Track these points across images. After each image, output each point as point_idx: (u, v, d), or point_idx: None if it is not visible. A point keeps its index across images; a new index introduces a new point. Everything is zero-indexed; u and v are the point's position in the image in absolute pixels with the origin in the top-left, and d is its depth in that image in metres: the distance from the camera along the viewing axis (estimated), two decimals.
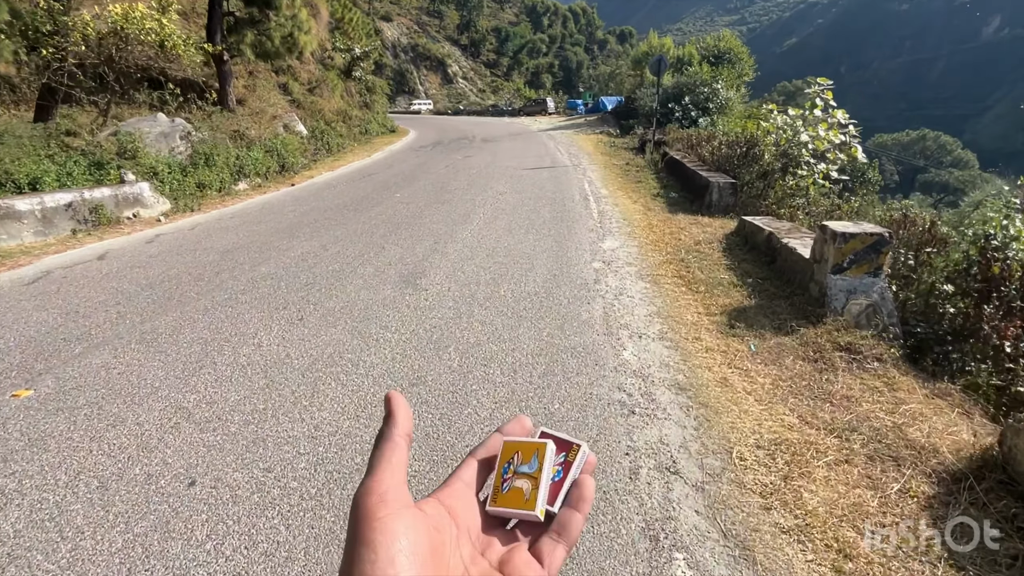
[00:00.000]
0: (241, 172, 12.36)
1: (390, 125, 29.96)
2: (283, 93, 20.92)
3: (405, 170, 14.30)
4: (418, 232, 7.39)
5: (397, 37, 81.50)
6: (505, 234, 7.14)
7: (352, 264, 5.92)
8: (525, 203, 9.34)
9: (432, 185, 11.53)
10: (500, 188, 10.99)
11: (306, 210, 9.15)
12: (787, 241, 5.09)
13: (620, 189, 10.84)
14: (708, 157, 11.24)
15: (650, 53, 30.35)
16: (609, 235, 6.98)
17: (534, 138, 24.07)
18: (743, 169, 9.51)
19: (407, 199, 10.01)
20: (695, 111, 23.00)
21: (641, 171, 13.61)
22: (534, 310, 4.44)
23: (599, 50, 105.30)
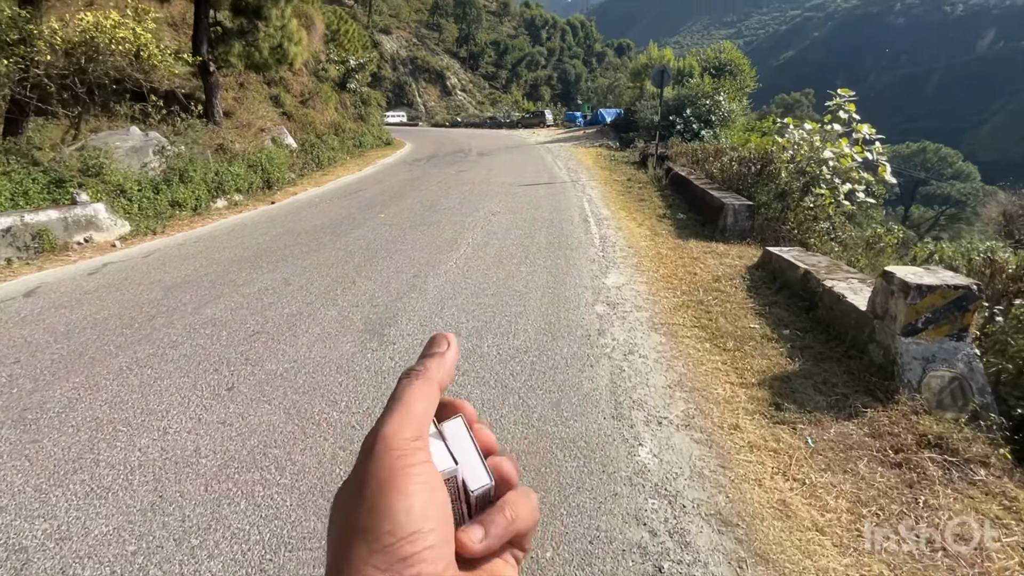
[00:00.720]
0: (220, 189, 11.49)
1: (385, 137, 29.25)
2: (274, 105, 20.21)
3: (394, 186, 13.45)
4: (397, 262, 6.48)
5: (396, 50, 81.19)
6: (495, 265, 6.22)
7: (313, 305, 5.01)
8: (519, 225, 8.44)
9: (420, 204, 10.65)
10: (493, 207, 10.10)
11: (279, 233, 8.26)
12: (830, 284, 4.17)
13: (623, 209, 9.95)
14: (717, 174, 10.37)
15: (650, 65, 29.63)
16: (613, 267, 6.06)
17: (532, 151, 23.26)
18: (758, 189, 8.63)
19: (391, 220, 9.12)
20: (697, 124, 22.21)
21: (644, 188, 12.74)
22: (523, 376, 3.52)
23: (597, 63, 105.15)
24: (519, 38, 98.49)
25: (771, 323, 4.30)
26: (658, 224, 8.62)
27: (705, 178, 10.62)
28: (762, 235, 7.54)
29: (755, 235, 7.47)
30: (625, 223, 8.64)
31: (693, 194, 9.81)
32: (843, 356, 3.62)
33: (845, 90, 8.35)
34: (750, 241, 7.34)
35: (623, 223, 8.65)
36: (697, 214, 9.11)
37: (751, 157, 9.28)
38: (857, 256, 5.71)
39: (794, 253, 5.31)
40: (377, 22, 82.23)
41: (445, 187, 12.97)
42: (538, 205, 10.27)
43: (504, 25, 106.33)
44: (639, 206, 10.33)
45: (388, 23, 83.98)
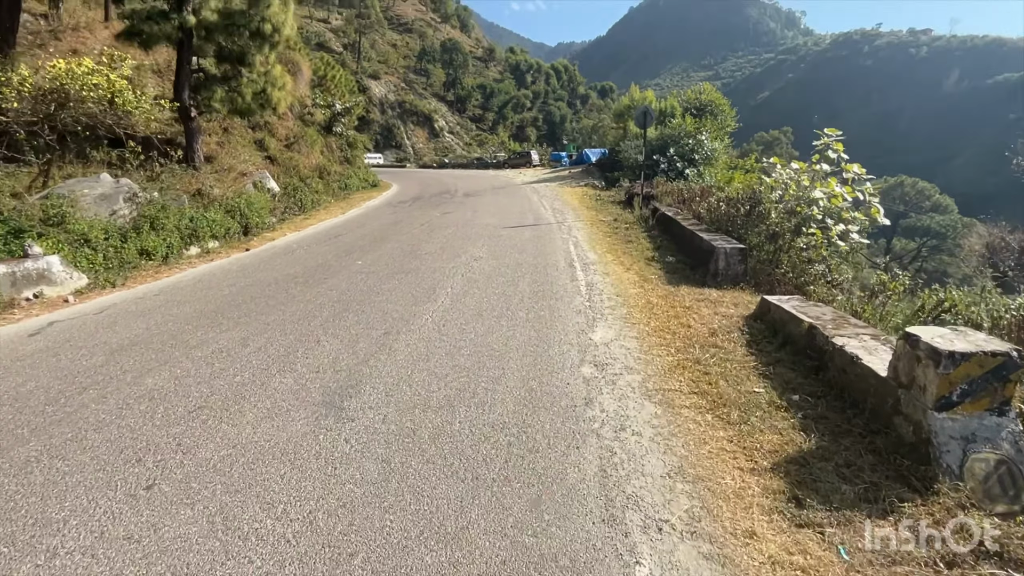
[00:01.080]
0: (194, 236, 11.03)
1: (372, 179, 29.18)
2: (259, 149, 20.01)
3: (376, 229, 13.06)
4: (369, 316, 5.99)
5: (384, 94, 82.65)
6: (474, 319, 5.75)
7: (269, 370, 4.47)
8: (502, 272, 8.01)
9: (401, 249, 10.23)
10: (476, 252, 9.70)
11: (247, 284, 7.75)
12: (840, 342, 3.73)
13: (610, 252, 9.59)
14: (704, 215, 10.10)
15: (632, 106, 30.08)
16: (601, 319, 5.61)
17: (518, 192, 23.15)
18: (748, 230, 8.32)
19: (369, 267, 8.67)
20: (681, 163, 22.29)
21: (631, 228, 12.45)
22: (498, 463, 3.00)
23: (581, 104, 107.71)
24: (505, 82, 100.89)
25: (777, 386, 3.84)
26: (647, 268, 8.24)
27: (692, 218, 10.34)
28: (755, 279, 7.17)
29: (748, 279, 7.09)
30: (613, 268, 8.25)
31: (681, 236, 9.49)
32: (865, 430, 3.14)
33: (832, 130, 8.16)
34: (744, 286, 6.95)
35: (610, 268, 8.25)
36: (686, 257, 8.76)
37: (739, 197, 9.01)
38: (862, 306, 5.32)
39: (794, 303, 4.90)
40: (366, 68, 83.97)
41: (428, 230, 12.61)
42: (522, 249, 9.89)
43: (490, 70, 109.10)
44: (626, 248, 9.98)
45: (377, 69, 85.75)
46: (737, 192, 9.58)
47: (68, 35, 15.65)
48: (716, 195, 10.29)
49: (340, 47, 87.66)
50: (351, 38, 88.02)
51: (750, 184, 20.33)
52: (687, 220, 10.18)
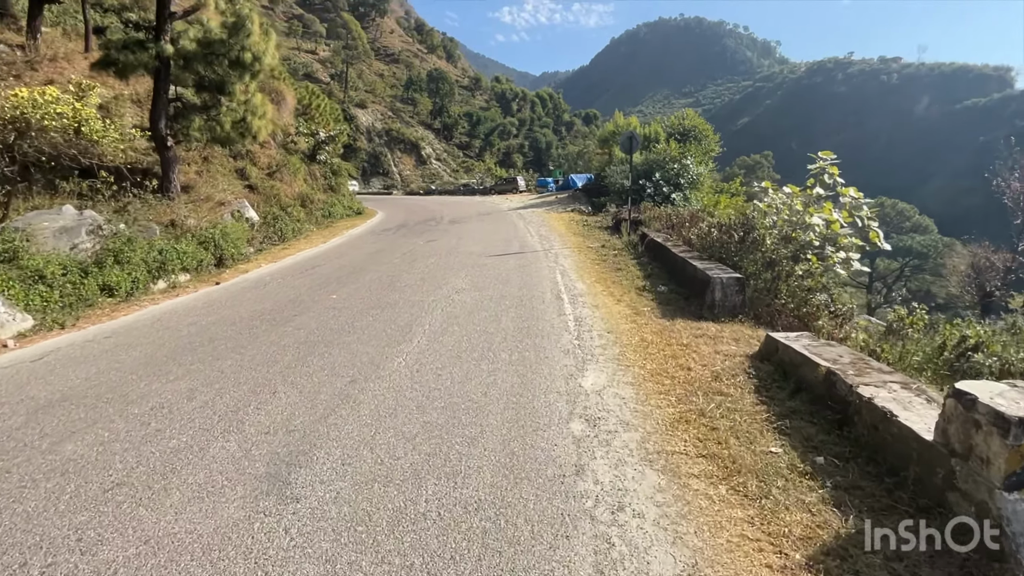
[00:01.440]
0: (163, 269, 10.38)
1: (356, 207, 28.72)
2: (240, 178, 19.49)
3: (356, 260, 12.50)
4: (336, 359, 5.39)
5: (372, 123, 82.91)
6: (451, 363, 5.17)
7: (212, 432, 3.85)
8: (485, 306, 7.46)
9: (380, 280, 9.66)
10: (458, 283, 9.16)
11: (209, 323, 7.12)
12: (868, 394, 3.21)
13: (599, 281, 9.09)
14: (695, 241, 9.68)
15: (617, 132, 30.10)
16: (592, 361, 5.06)
17: (504, 218, 22.76)
18: (743, 258, 7.88)
19: (343, 302, 8.08)
20: (667, 187, 22.09)
21: (619, 255, 12.01)
22: (470, 561, 2.40)
23: (566, 131, 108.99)
24: (491, 110, 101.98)
25: (797, 445, 3.30)
26: (638, 299, 7.73)
27: (683, 245, 9.92)
28: (754, 310, 6.69)
29: (747, 311, 6.60)
30: (602, 299, 7.73)
31: (673, 264, 9.04)
32: (911, 506, 2.60)
33: (827, 153, 7.83)
34: (743, 318, 6.46)
35: (600, 299, 7.74)
36: (679, 286, 8.29)
37: (732, 223, 8.60)
38: (879, 345, 4.84)
39: (804, 342, 4.39)
40: (353, 97, 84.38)
41: (410, 260, 12.07)
42: (507, 279, 9.37)
43: (476, 98, 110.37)
44: (616, 277, 9.50)
45: (364, 98, 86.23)
46: (729, 218, 9.18)
47: (46, 66, 15.21)
48: (707, 221, 9.90)
49: (327, 77, 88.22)
50: (338, 68, 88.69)
51: (742, 209, 20.16)
52: (678, 247, 9.75)
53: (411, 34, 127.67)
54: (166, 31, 12.86)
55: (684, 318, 6.56)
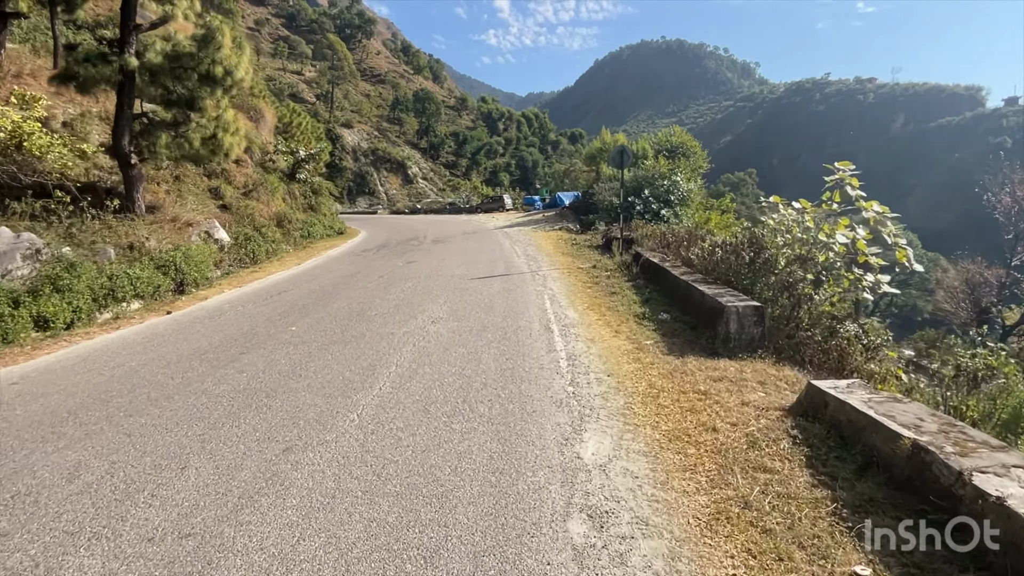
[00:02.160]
0: (112, 296, 9.26)
1: (338, 227, 27.70)
2: (214, 197, 18.43)
3: (328, 283, 11.44)
4: (274, 416, 4.31)
5: (357, 142, 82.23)
6: (416, 420, 4.12)
7: (77, 537, 2.76)
8: (463, 340, 6.43)
9: (349, 308, 8.60)
10: (436, 311, 8.13)
11: (140, 364, 6.01)
12: (997, 493, 2.22)
13: (592, 308, 8.10)
14: (696, 262, 8.76)
15: (604, 149, 29.50)
16: (591, 417, 4.04)
17: (489, 237, 21.82)
18: (755, 281, 6.95)
19: (302, 335, 7.01)
20: (657, 204, 21.34)
21: (612, 277, 11.06)
22: None
23: (552, 150, 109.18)
24: (477, 129, 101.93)
25: (893, 564, 2.30)
26: (639, 330, 6.74)
27: (683, 266, 9.00)
28: (774, 343, 5.73)
29: (766, 344, 5.65)
30: (598, 330, 6.73)
31: (674, 287, 8.09)
32: None
33: (846, 163, 6.98)
34: (763, 353, 5.49)
35: (595, 330, 6.74)
36: (683, 313, 7.33)
37: (738, 242, 7.69)
38: (960, 399, 3.88)
39: (861, 395, 3.42)
40: (338, 117, 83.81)
41: (386, 283, 11.03)
42: (490, 306, 8.35)
43: (463, 118, 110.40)
44: (611, 302, 8.52)
45: (350, 118, 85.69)
46: (734, 236, 8.28)
47: (8, 81, 14.20)
48: (709, 240, 9.00)
49: (313, 98, 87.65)
50: (324, 89, 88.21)
51: (729, 226, 19.39)
52: (677, 268, 8.82)
53: (397, 55, 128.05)
54: (131, 43, 12.05)
55: (695, 354, 5.57)
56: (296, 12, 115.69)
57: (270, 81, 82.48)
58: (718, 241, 8.48)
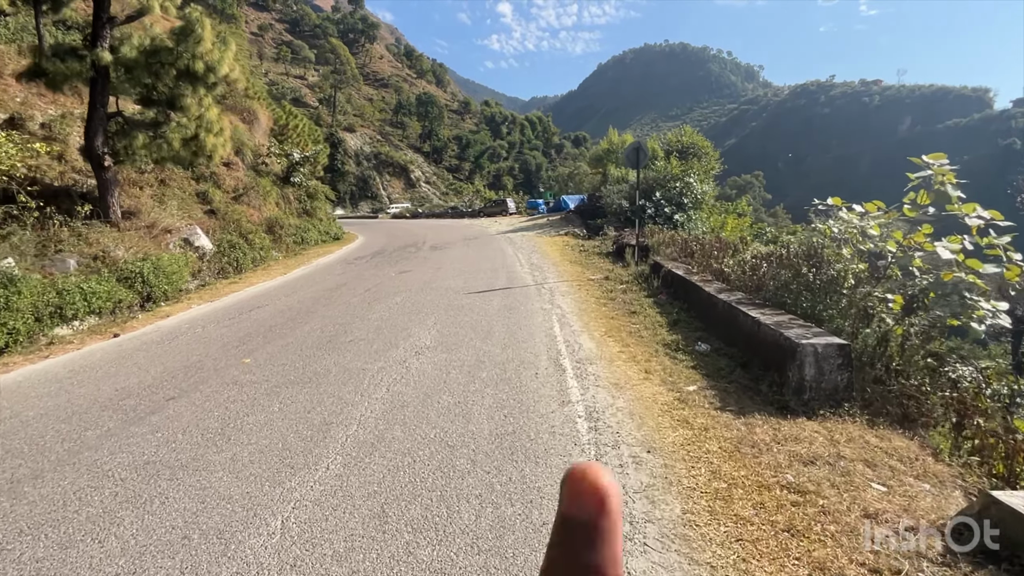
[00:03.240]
0: (59, 315, 7.92)
1: (334, 232, 26.37)
2: (202, 202, 17.13)
3: (308, 298, 10.05)
4: (162, 523, 2.88)
5: (360, 146, 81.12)
6: (368, 534, 2.69)
7: None
8: (451, 383, 4.99)
9: (321, 332, 7.19)
10: (422, 337, 6.70)
11: (33, 416, 4.61)
12: None
13: (611, 334, 6.65)
14: (733, 277, 7.31)
15: (612, 150, 28.06)
16: (637, 533, 2.61)
17: (491, 243, 20.40)
18: (816, 304, 5.49)
19: (253, 372, 5.60)
20: (669, 207, 19.87)
21: (629, 290, 9.61)
22: None
23: (556, 153, 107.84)
24: (480, 133, 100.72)
25: None
26: (675, 368, 5.28)
27: (716, 281, 7.54)
28: (863, 397, 4.26)
29: (854, 398, 4.18)
30: (623, 369, 5.27)
31: (709, 308, 6.62)
32: None
33: (938, 155, 5.52)
34: (850, 408, 4.04)
35: (620, 368, 5.28)
36: (725, 343, 5.86)
37: (791, 255, 6.22)
38: None
39: None
40: (341, 121, 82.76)
41: (371, 298, 9.62)
42: (488, 331, 6.90)
43: (466, 121, 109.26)
44: (632, 325, 7.07)
45: (352, 122, 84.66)
46: (782, 247, 6.80)
47: None
48: (748, 250, 7.54)
49: (316, 102, 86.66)
50: (327, 93, 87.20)
51: (742, 230, 17.83)
52: (709, 284, 7.37)
53: (400, 59, 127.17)
54: (104, 37, 10.97)
55: (759, 410, 4.10)
56: (299, 17, 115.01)
57: (273, 85, 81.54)
58: (762, 252, 7.02)
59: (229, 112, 23.27)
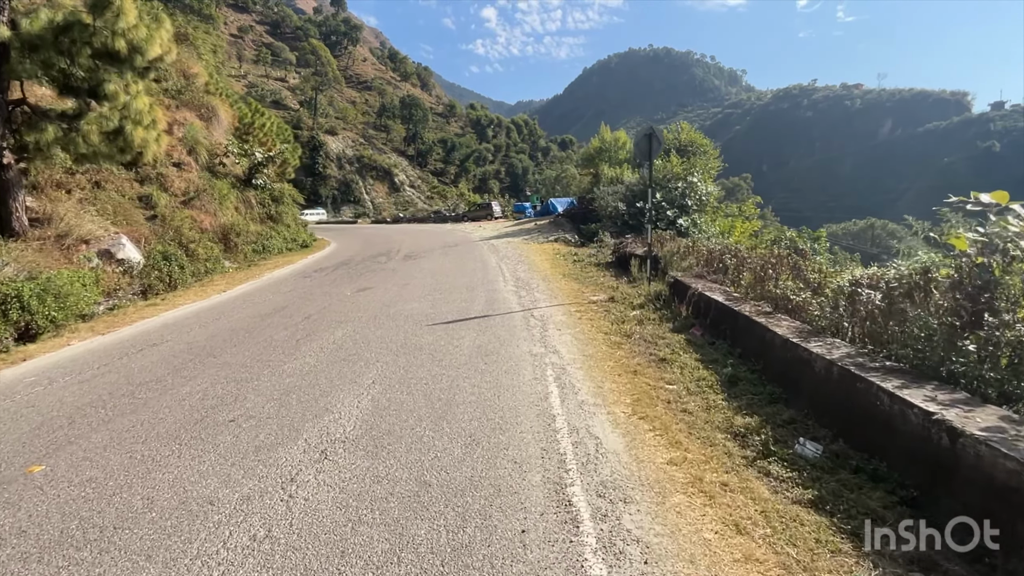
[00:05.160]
0: None
1: (303, 239, 23.67)
2: (144, 207, 14.44)
3: (226, 329, 7.50)
4: None
5: (342, 149, 78.09)
6: None
7: None
8: (351, 551, 2.50)
9: (202, 399, 4.60)
10: (343, 419, 4.13)
11: None
12: None
13: (642, 411, 4.16)
14: (817, 311, 4.89)
15: (603, 148, 25.72)
16: None
17: (472, 252, 17.86)
18: (982, 362, 3.10)
19: (32, 497, 2.99)
20: (671, 210, 17.51)
21: (645, 318, 7.18)
22: None
23: (543, 156, 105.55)
24: (466, 136, 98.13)
25: None
26: (777, 503, 2.83)
27: (785, 317, 5.13)
28: None
29: None
30: (687, 510, 2.81)
31: (797, 369, 4.16)
32: None
33: None
34: None
35: (681, 510, 2.82)
36: (842, 433, 3.44)
37: (935, 284, 3.82)
38: None
39: None
40: (322, 124, 79.74)
41: (305, 332, 7.05)
42: (448, 404, 4.38)
43: (451, 125, 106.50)
44: (668, 388, 4.62)
45: (334, 124, 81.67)
46: (911, 269, 4.38)
47: None
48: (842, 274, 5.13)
49: (296, 104, 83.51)
50: (308, 95, 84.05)
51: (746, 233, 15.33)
52: (777, 322, 4.95)
53: (384, 62, 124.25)
54: (3, 10, 8.85)
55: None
56: (281, 19, 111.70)
57: (252, 88, 78.28)
58: (869, 275, 4.59)
59: (184, 108, 20.54)
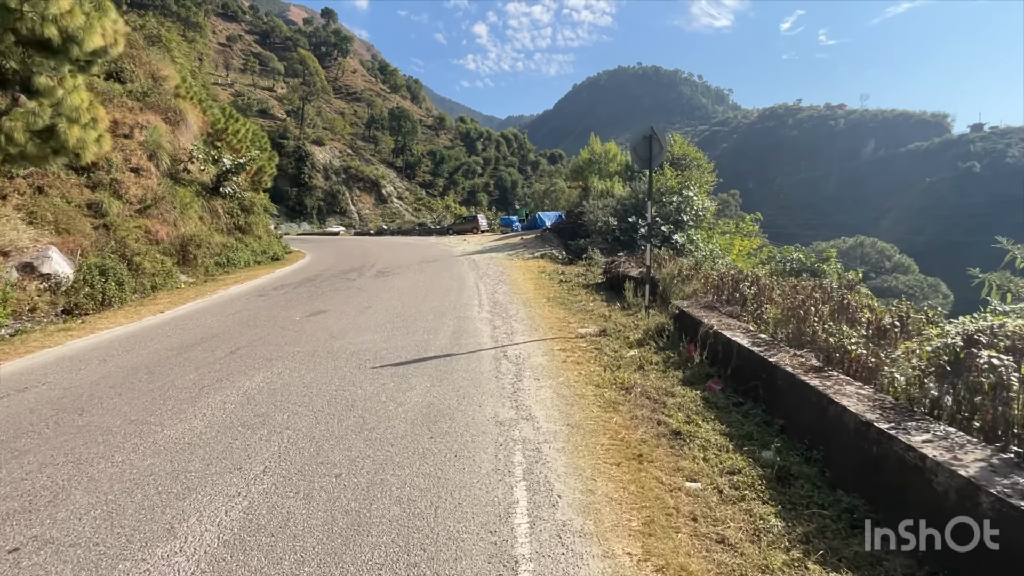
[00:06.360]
0: None
1: (274, 251, 21.96)
2: (93, 215, 12.81)
3: (125, 368, 5.85)
4: None
5: (329, 160, 76.48)
6: None
7: None
8: None
9: (4, 498, 2.94)
10: (205, 526, 2.53)
11: None
12: None
13: (658, 547, 2.71)
14: (905, 382, 3.43)
15: (593, 159, 24.46)
16: None
17: (451, 268, 16.30)
18: None
19: None
20: (666, 226, 16.14)
21: (647, 362, 5.70)
22: None
23: (532, 170, 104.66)
24: (455, 148, 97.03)
25: None
26: None
27: (849, 379, 3.68)
28: None
29: None
30: None
31: (879, 471, 2.71)
32: None
33: None
34: None
35: None
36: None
37: None
38: None
39: None
40: (309, 134, 78.14)
41: (216, 377, 5.44)
42: (365, 511, 2.82)
43: (440, 137, 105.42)
44: (683, 484, 3.12)
45: (321, 135, 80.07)
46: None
47: None
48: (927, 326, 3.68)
49: (283, 114, 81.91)
50: (296, 105, 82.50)
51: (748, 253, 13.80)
52: (839, 386, 3.51)
53: (375, 74, 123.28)
54: None
55: None
56: (270, 29, 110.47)
57: (238, 96, 76.57)
58: (982, 329, 3.13)
59: (150, 111, 18.90)
